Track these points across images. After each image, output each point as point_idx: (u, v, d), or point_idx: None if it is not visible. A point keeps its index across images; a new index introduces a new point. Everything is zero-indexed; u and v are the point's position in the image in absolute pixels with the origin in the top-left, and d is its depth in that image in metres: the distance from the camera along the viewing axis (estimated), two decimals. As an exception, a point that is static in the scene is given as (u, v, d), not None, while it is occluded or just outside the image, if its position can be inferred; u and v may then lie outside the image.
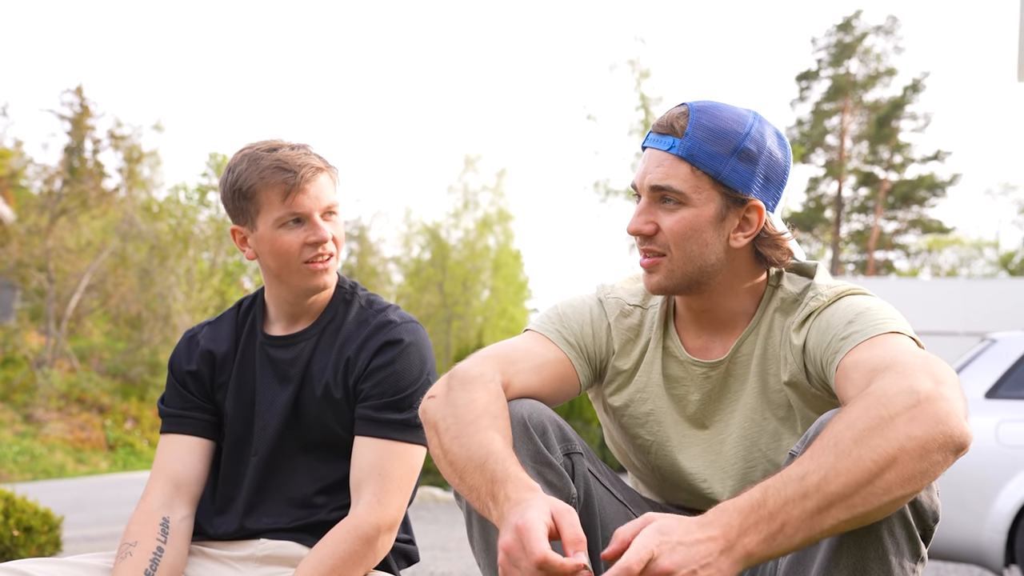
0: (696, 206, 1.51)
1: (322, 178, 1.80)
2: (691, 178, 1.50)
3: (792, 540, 1.14)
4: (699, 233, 1.51)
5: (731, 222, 1.53)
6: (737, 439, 1.60)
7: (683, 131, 1.51)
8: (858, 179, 35.79)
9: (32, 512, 4.44)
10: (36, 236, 23.46)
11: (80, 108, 27.41)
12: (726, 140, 1.50)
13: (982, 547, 4.65)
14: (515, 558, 1.17)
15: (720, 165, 1.50)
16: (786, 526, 1.14)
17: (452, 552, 6.41)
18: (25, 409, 20.93)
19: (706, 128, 1.50)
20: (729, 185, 1.50)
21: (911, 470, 1.15)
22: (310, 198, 1.77)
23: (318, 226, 1.78)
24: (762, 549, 1.14)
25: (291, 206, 1.76)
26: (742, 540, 1.13)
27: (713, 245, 1.52)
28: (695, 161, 1.50)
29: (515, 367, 1.54)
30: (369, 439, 1.76)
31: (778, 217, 1.58)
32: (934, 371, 1.25)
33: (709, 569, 1.11)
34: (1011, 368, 4.85)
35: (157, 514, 1.76)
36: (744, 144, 1.51)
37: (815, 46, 36.43)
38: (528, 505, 1.21)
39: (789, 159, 1.58)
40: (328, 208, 1.80)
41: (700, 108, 1.53)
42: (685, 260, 1.53)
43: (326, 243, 1.79)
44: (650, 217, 1.54)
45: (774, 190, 1.55)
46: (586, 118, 24.85)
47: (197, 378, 1.89)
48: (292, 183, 1.75)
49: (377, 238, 35.31)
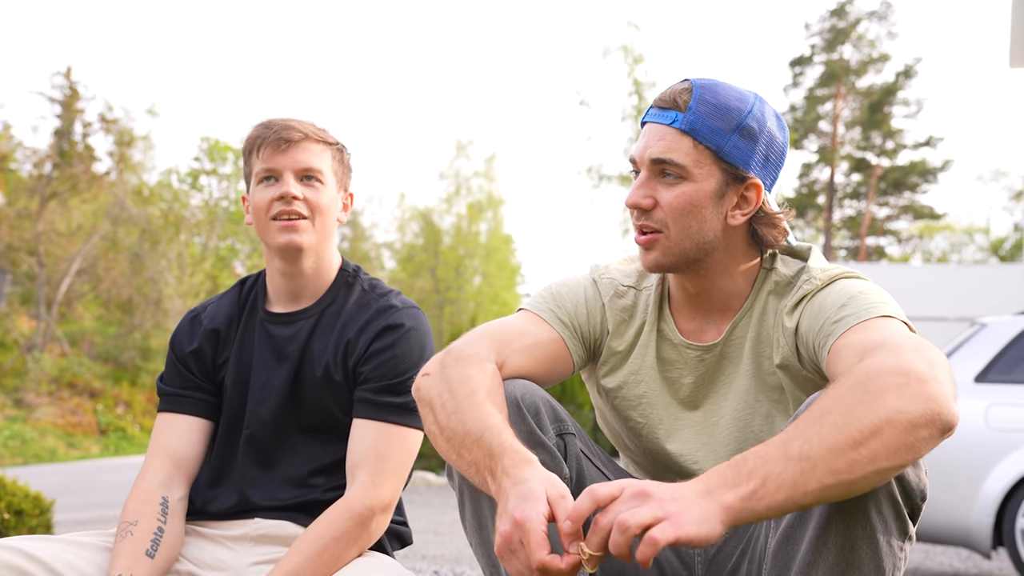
0: (696, 181, 1.51)
1: (308, 144, 1.83)
2: (693, 152, 1.50)
3: (775, 497, 1.14)
4: (698, 209, 1.51)
5: (729, 199, 1.53)
6: (730, 421, 1.60)
7: (686, 106, 1.51)
8: (850, 165, 35.82)
9: (23, 495, 4.43)
10: (26, 220, 23.36)
11: (70, 91, 27.25)
12: (729, 116, 1.50)
13: (970, 529, 4.69)
14: (513, 547, 1.19)
15: (722, 140, 1.50)
16: (767, 482, 1.14)
17: (444, 536, 6.43)
18: (16, 393, 20.89)
19: (709, 103, 1.50)
20: (730, 161, 1.50)
21: (897, 442, 1.15)
22: (286, 156, 1.81)
23: (287, 183, 1.81)
24: (742, 503, 1.14)
25: (267, 161, 1.82)
26: (719, 490, 1.14)
27: (711, 222, 1.52)
28: (697, 135, 1.50)
29: (509, 347, 1.54)
30: (367, 421, 1.76)
31: (773, 198, 1.59)
32: (926, 353, 1.25)
33: (686, 501, 1.13)
34: (1000, 352, 4.88)
35: (156, 493, 1.76)
36: (746, 121, 1.51)
37: (808, 31, 36.37)
38: (527, 493, 1.21)
39: (787, 141, 1.58)
40: (306, 171, 1.83)
41: (703, 84, 1.53)
42: (683, 236, 1.52)
43: (295, 201, 1.80)
44: (649, 191, 1.53)
45: (772, 170, 1.55)
46: (579, 104, 24.73)
47: (199, 357, 1.89)
48: (269, 139, 1.81)
49: (370, 223, 35.26)
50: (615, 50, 24.48)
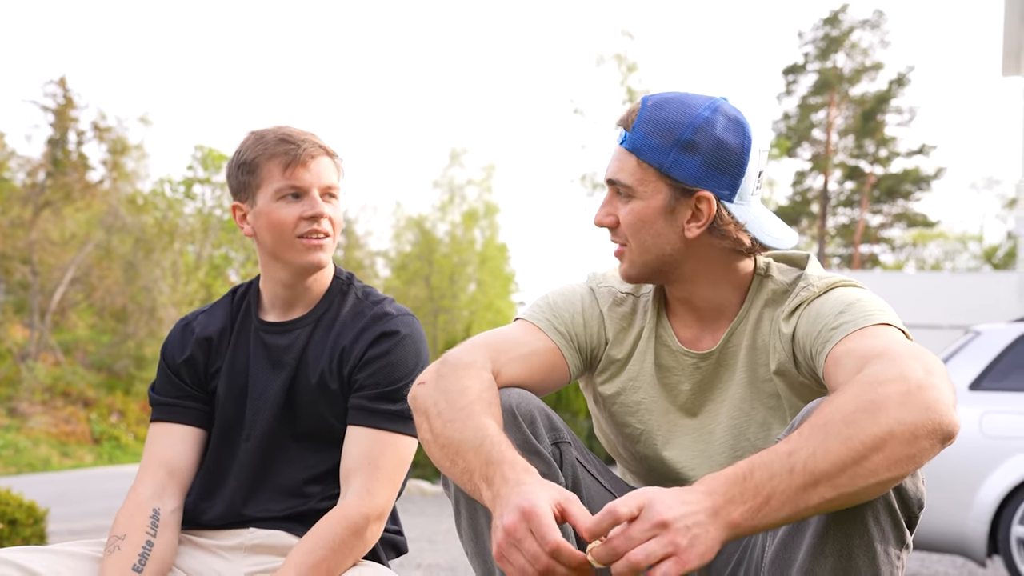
0: (643, 198, 1.53)
1: (325, 159, 1.82)
2: (637, 171, 1.53)
3: (778, 514, 1.15)
4: (649, 224, 1.54)
5: (682, 213, 1.53)
6: (726, 428, 1.60)
7: (631, 125, 1.54)
8: (844, 173, 35.91)
9: (17, 505, 4.42)
10: (19, 228, 23.31)
11: (64, 100, 27.22)
12: (669, 132, 1.50)
13: (965, 537, 4.69)
14: (517, 539, 1.17)
15: (663, 157, 1.50)
16: (771, 499, 1.15)
17: (439, 544, 6.42)
18: (9, 402, 20.82)
19: (652, 121, 1.52)
20: (673, 177, 1.51)
21: (899, 454, 1.16)
22: (310, 173, 1.79)
23: (316, 201, 1.79)
24: (746, 520, 1.15)
25: (291, 178, 1.78)
26: (726, 508, 1.14)
27: (667, 235, 1.54)
28: (640, 154, 1.52)
29: (505, 356, 1.54)
30: (361, 429, 1.76)
31: (756, 202, 1.56)
32: (924, 361, 1.26)
33: (699, 528, 1.13)
34: (995, 360, 4.89)
35: (147, 505, 1.75)
36: (687, 135, 1.49)
37: (802, 40, 36.51)
38: (531, 489, 1.20)
39: (748, 144, 1.52)
40: (327, 188, 1.81)
41: (655, 102, 1.54)
42: (642, 250, 1.56)
43: (323, 219, 1.79)
44: (610, 209, 1.58)
45: (729, 179, 1.51)
46: (573, 112, 24.81)
47: (191, 365, 1.88)
48: (294, 155, 1.77)
49: (365, 231, 35.26)
50: (609, 58, 24.59)
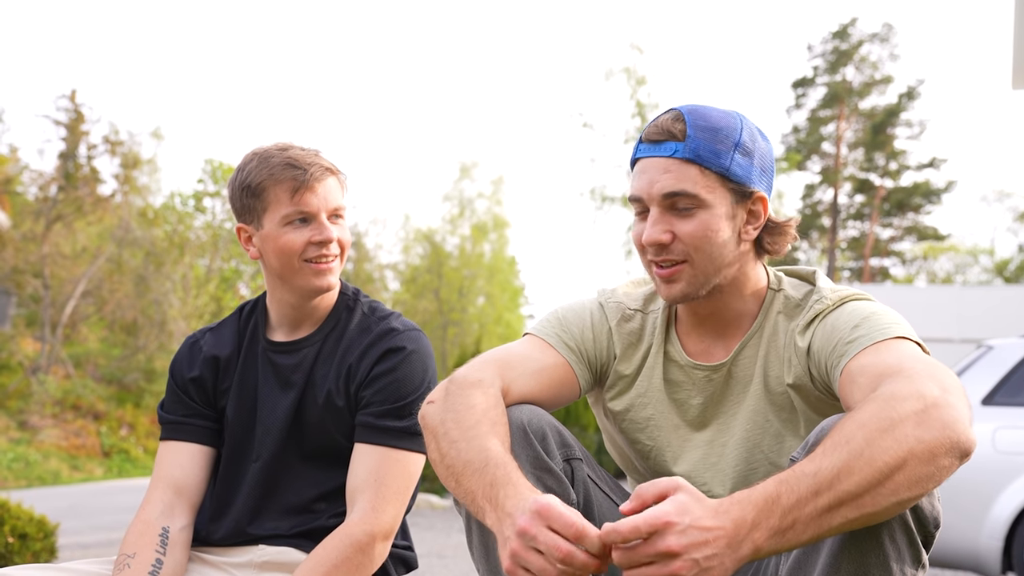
0: (711, 207, 1.51)
1: (331, 180, 1.80)
2: (701, 179, 1.51)
3: (800, 537, 1.15)
4: (717, 233, 1.52)
5: (740, 217, 1.55)
6: (739, 441, 1.59)
7: (683, 134, 1.52)
8: (854, 186, 35.85)
9: (27, 519, 4.41)
10: (31, 242, 23.41)
11: (75, 114, 27.40)
12: (726, 137, 1.52)
13: (979, 553, 4.65)
14: (532, 535, 1.15)
15: (726, 161, 1.51)
16: (797, 523, 1.14)
17: (448, 559, 6.39)
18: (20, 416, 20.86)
19: (705, 128, 1.52)
20: (736, 180, 1.52)
21: (919, 473, 1.16)
22: (318, 197, 1.77)
23: (324, 226, 1.78)
24: (770, 544, 1.14)
25: (299, 204, 1.76)
26: (752, 535, 1.13)
27: (729, 244, 1.54)
28: (702, 161, 1.50)
29: (514, 372, 1.54)
30: (368, 446, 1.75)
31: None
32: (940, 377, 1.25)
33: (712, 560, 1.11)
34: (1007, 375, 4.86)
35: (157, 524, 1.74)
36: (740, 138, 1.53)
37: (811, 53, 36.52)
38: (539, 495, 1.19)
39: (772, 149, 1.62)
40: (335, 210, 1.80)
41: (691, 110, 1.55)
42: (707, 262, 1.53)
43: (331, 243, 1.78)
44: (666, 226, 1.52)
45: (768, 180, 1.58)
46: (582, 125, 24.82)
47: (199, 384, 1.88)
48: (301, 180, 1.75)
49: (374, 245, 35.32)
50: (618, 72, 24.60)
